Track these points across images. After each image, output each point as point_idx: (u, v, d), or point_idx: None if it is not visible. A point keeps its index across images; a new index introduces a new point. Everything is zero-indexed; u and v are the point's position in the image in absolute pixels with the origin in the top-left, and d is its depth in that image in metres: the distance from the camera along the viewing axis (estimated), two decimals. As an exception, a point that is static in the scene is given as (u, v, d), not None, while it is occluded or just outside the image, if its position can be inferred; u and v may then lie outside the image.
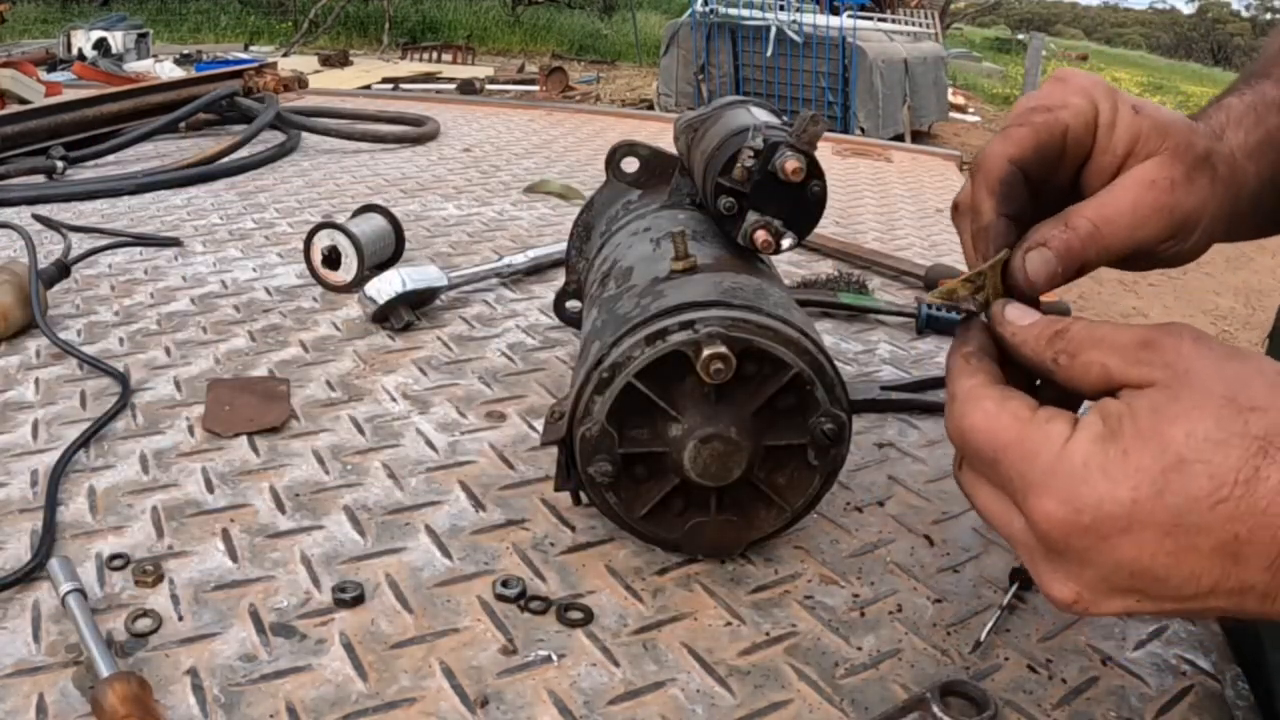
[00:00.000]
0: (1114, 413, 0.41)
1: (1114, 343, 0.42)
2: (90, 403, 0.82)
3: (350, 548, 0.64)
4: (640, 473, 0.61)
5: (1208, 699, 0.53)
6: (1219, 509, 0.37)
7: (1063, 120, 0.52)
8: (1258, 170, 0.56)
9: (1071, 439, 0.41)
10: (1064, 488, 0.40)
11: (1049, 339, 0.45)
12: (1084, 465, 0.40)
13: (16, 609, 0.56)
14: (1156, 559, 0.39)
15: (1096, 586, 0.41)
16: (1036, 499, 0.41)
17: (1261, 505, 0.37)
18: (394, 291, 0.98)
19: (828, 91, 8.40)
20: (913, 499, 0.72)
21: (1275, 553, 0.37)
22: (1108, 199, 0.50)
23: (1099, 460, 0.40)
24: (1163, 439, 0.39)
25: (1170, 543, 0.38)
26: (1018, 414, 0.43)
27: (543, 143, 2.06)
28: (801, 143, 0.66)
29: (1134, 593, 0.40)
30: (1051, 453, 0.41)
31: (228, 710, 0.50)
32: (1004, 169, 0.51)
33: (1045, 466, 0.41)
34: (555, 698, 0.52)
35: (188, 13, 15.97)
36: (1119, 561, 0.40)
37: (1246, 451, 0.37)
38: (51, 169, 1.58)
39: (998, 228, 0.51)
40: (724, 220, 0.69)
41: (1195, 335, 0.42)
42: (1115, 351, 0.42)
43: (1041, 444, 0.42)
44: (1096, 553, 0.40)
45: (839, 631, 0.58)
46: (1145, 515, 0.38)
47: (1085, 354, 0.43)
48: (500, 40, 16.59)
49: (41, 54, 7.29)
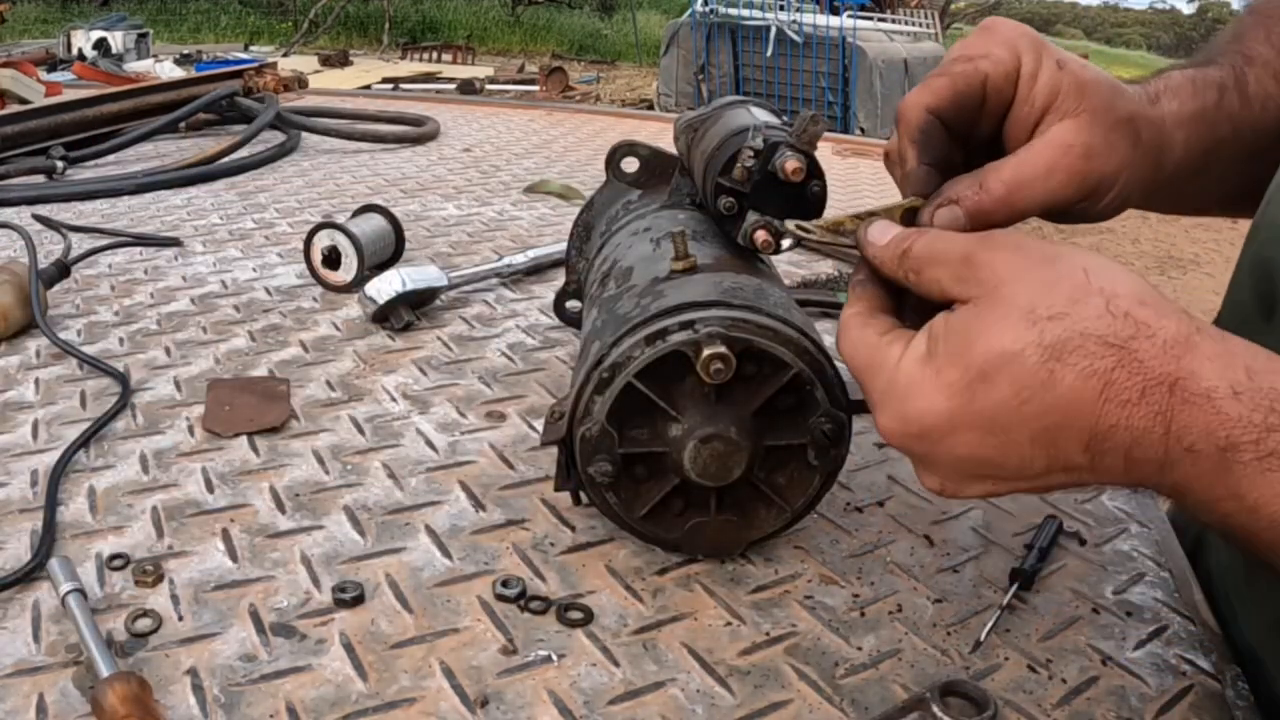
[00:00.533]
0: (936, 333, 0.45)
1: (946, 258, 0.46)
2: (90, 403, 0.82)
3: (350, 548, 0.64)
4: (640, 473, 0.61)
5: (1208, 699, 0.53)
6: (1024, 409, 0.42)
7: (981, 70, 0.53)
8: (1185, 140, 0.57)
9: (900, 360, 0.46)
10: (893, 406, 0.46)
11: (899, 258, 0.49)
12: (907, 385, 0.46)
13: (16, 609, 0.56)
14: (985, 452, 0.44)
15: (952, 477, 0.47)
16: (878, 416, 0.48)
17: (1062, 403, 0.42)
18: (394, 291, 0.98)
19: (828, 91, 8.40)
20: (913, 499, 0.72)
21: (1086, 438, 0.42)
22: (1023, 161, 0.52)
23: (917, 379, 0.45)
24: (969, 354, 0.43)
25: (992, 439, 0.44)
26: (869, 340, 0.49)
27: (543, 143, 2.06)
28: (801, 143, 0.66)
29: (985, 478, 0.46)
30: (886, 375, 0.47)
31: (228, 710, 0.50)
32: (922, 118, 0.53)
33: (882, 387, 0.47)
34: (555, 698, 0.52)
35: (188, 13, 15.97)
36: (958, 457, 0.45)
37: (1041, 358, 0.42)
38: (51, 169, 1.58)
39: (917, 175, 0.53)
40: (724, 220, 0.69)
41: (1013, 246, 0.45)
42: (946, 268, 0.46)
43: (880, 366, 0.47)
44: (936, 454, 0.46)
45: (839, 631, 0.58)
46: (962, 420, 0.44)
47: (927, 271, 0.47)
48: (500, 40, 16.60)
49: (41, 54, 7.30)
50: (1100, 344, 0.41)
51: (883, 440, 0.48)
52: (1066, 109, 0.52)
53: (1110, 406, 0.41)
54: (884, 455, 0.78)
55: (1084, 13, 57.69)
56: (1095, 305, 0.42)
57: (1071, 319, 0.42)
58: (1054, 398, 0.42)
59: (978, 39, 0.55)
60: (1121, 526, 0.70)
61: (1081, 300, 0.42)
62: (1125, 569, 0.64)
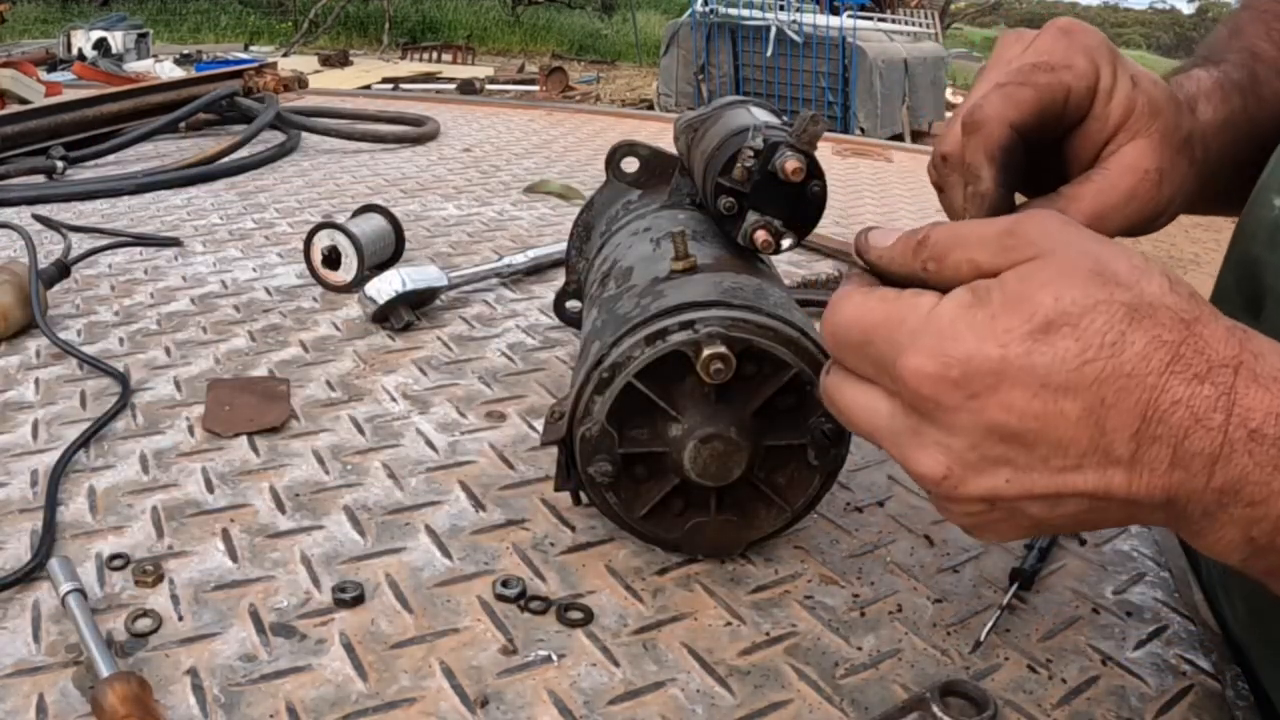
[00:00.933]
0: (983, 285, 0.41)
1: (979, 237, 0.42)
2: (90, 403, 0.82)
3: (350, 548, 0.64)
4: (640, 473, 0.61)
5: (1208, 699, 0.53)
6: (1085, 369, 0.38)
7: (1065, 82, 0.51)
8: (1219, 148, 0.57)
9: (939, 305, 0.41)
10: (933, 344, 0.40)
11: (914, 250, 0.44)
12: (951, 324, 0.40)
13: (16, 609, 0.56)
14: (1025, 421, 0.39)
15: (966, 457, 0.41)
16: (905, 359, 0.41)
17: (1127, 369, 0.38)
18: (394, 291, 0.98)
19: (828, 91, 8.40)
20: (913, 499, 0.72)
21: (1138, 421, 0.38)
22: (1103, 189, 0.51)
23: (966, 320, 0.40)
24: (1031, 303, 0.39)
25: (1038, 403, 0.39)
26: (884, 296, 0.44)
27: (543, 143, 2.06)
28: (801, 143, 0.66)
29: (1004, 464, 0.40)
30: (919, 317, 0.41)
31: (228, 710, 0.50)
32: (1006, 135, 0.50)
33: (914, 328, 0.41)
34: (555, 698, 0.52)
35: (188, 13, 15.98)
36: (989, 423, 0.40)
37: (1113, 317, 0.38)
38: (51, 169, 1.58)
39: (994, 198, 0.50)
40: (724, 220, 0.69)
41: (1061, 219, 0.42)
42: (981, 245, 0.42)
43: (909, 311, 0.42)
44: (966, 412, 0.40)
45: (839, 631, 0.58)
46: (1014, 372, 0.39)
47: (952, 255, 0.43)
48: (500, 40, 16.60)
49: (41, 54, 7.30)
50: (1171, 316, 0.38)
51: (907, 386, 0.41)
52: (1138, 129, 0.51)
53: (1175, 381, 0.38)
54: (884, 455, 0.78)
55: (1084, 13, 57.67)
56: (1160, 282, 0.39)
57: (1141, 287, 0.39)
58: (1118, 362, 0.38)
59: (1056, 44, 0.52)
60: (1121, 526, 0.70)
61: (1146, 274, 0.39)
62: (1125, 569, 0.64)
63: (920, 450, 0.42)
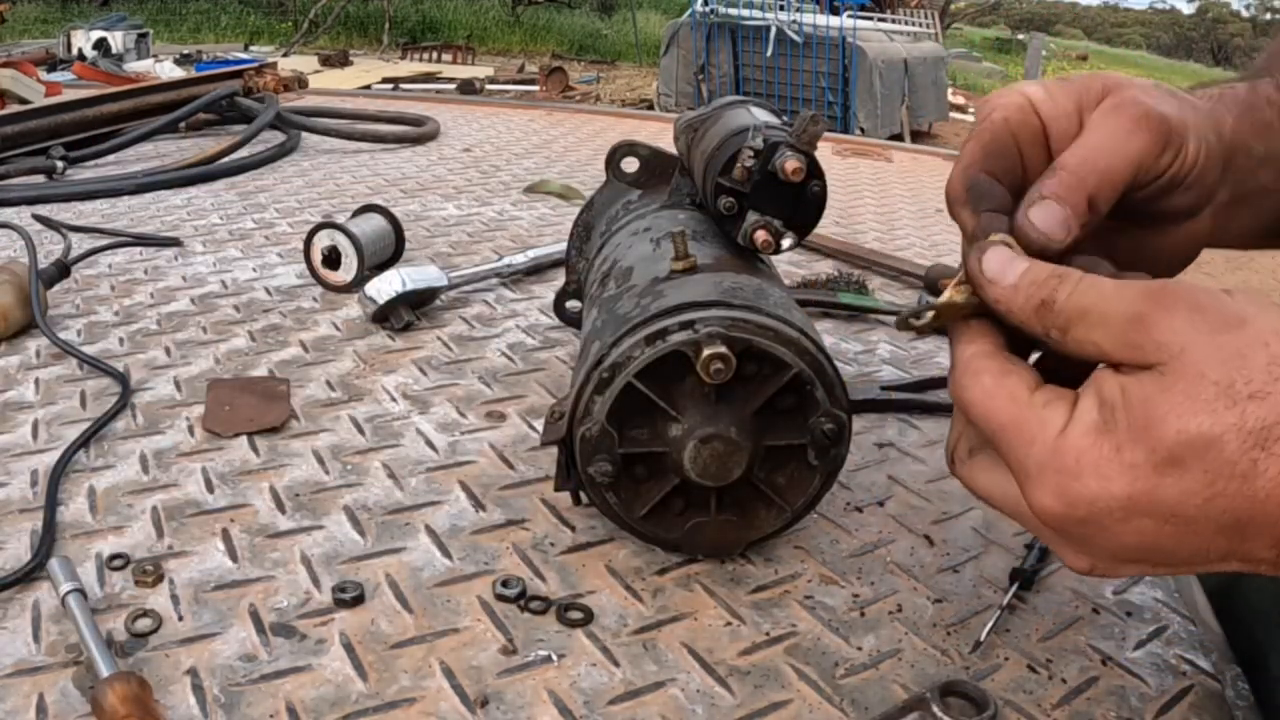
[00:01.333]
0: (1108, 400, 0.39)
1: (1103, 318, 0.40)
2: (90, 403, 0.82)
3: (350, 548, 0.64)
4: (640, 473, 0.61)
5: (1208, 699, 0.53)
6: (1215, 501, 0.37)
7: (997, 117, 0.50)
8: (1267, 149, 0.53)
9: (1066, 430, 0.40)
10: (1058, 483, 0.40)
11: (1036, 311, 0.42)
12: (1077, 462, 0.39)
13: (16, 609, 0.56)
14: (1160, 541, 0.39)
15: (1108, 561, 0.42)
16: (1032, 491, 0.41)
17: (1260, 496, 0.37)
18: (394, 291, 0.98)
19: (828, 91, 8.40)
20: (913, 499, 0.72)
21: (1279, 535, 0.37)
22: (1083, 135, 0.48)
23: (1092, 457, 0.39)
24: (1156, 434, 0.38)
25: (1169, 529, 0.38)
26: (1015, 394, 0.42)
27: (543, 143, 2.06)
28: (801, 143, 0.66)
29: (1144, 563, 0.41)
30: (1046, 445, 0.40)
31: (228, 710, 0.50)
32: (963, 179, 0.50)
33: (1040, 459, 0.40)
34: (555, 698, 0.52)
35: (188, 13, 15.97)
36: (1123, 544, 0.40)
37: (1243, 446, 0.36)
38: (51, 169, 1.58)
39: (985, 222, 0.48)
40: (724, 220, 0.69)
41: (1191, 304, 0.39)
42: (1106, 331, 0.40)
43: (1038, 432, 0.41)
44: (1099, 539, 0.40)
45: (839, 631, 0.58)
46: (1141, 509, 0.38)
47: (1075, 331, 0.41)
48: (500, 40, 16.59)
49: (41, 54, 7.30)
50: None
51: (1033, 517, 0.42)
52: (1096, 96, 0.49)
53: None
54: (884, 455, 0.78)
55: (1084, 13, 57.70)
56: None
57: (1275, 398, 0.36)
58: (1252, 490, 0.37)
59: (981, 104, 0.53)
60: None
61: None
62: (1125, 569, 0.64)
63: (1062, 550, 0.43)
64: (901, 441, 0.81)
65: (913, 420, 0.84)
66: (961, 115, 10.99)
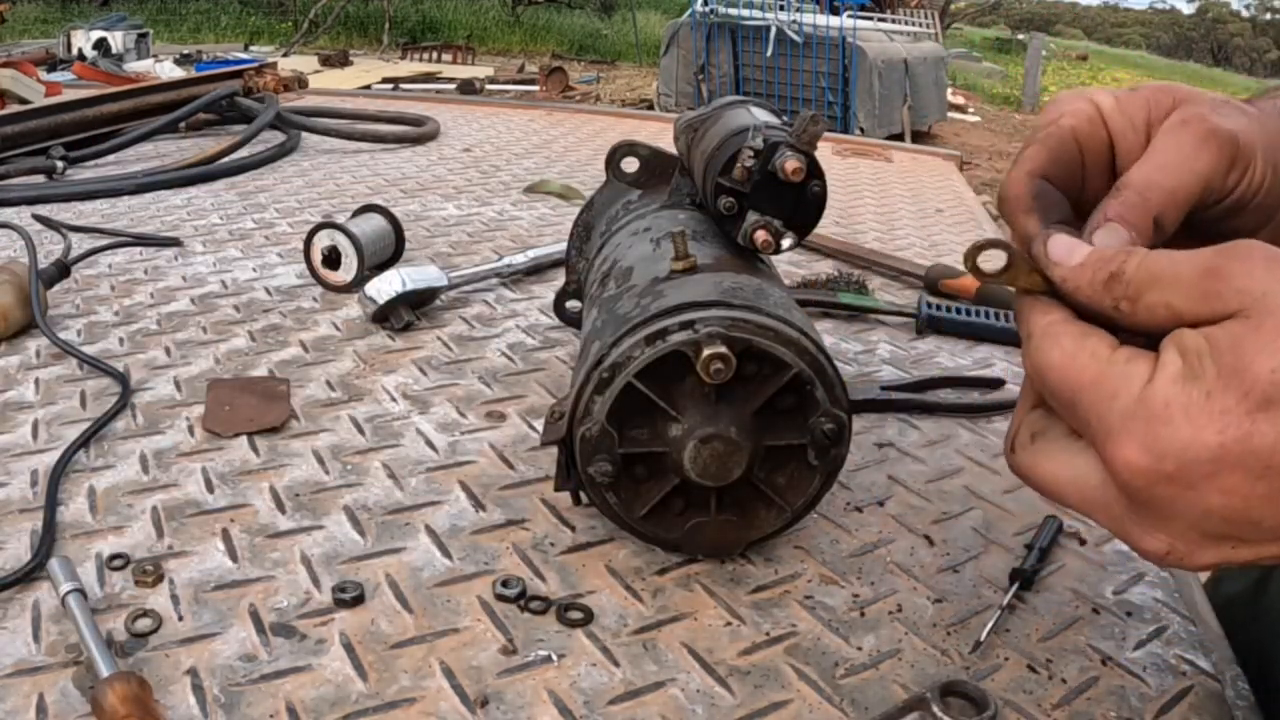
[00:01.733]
0: (1193, 349, 0.38)
1: (1176, 278, 0.39)
2: (90, 403, 0.82)
3: (350, 548, 0.64)
4: (640, 473, 0.61)
5: (1208, 699, 0.53)
6: None
7: (1066, 124, 0.49)
8: None
9: (1152, 380, 0.38)
10: (1145, 433, 0.38)
11: (1105, 284, 0.41)
12: (1165, 408, 0.37)
13: (16, 609, 0.56)
14: (1250, 503, 0.37)
15: (1188, 536, 0.39)
16: (1116, 446, 0.39)
17: None
18: (394, 291, 0.98)
19: (828, 91, 8.40)
20: (913, 499, 0.72)
21: None
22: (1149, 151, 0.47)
23: (1181, 402, 0.37)
24: (1247, 377, 0.36)
25: (1263, 486, 0.36)
26: (1096, 352, 0.41)
27: (543, 143, 2.06)
28: (801, 143, 0.66)
29: (1229, 539, 0.39)
30: (1131, 395, 0.39)
31: (228, 710, 0.50)
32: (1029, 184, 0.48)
33: (1125, 410, 0.39)
34: (555, 698, 0.52)
35: (188, 13, 15.97)
36: (1208, 509, 0.38)
37: None
38: (51, 169, 1.58)
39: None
40: (724, 220, 0.69)
41: (1266, 254, 0.38)
42: (1179, 288, 0.39)
43: (1121, 385, 0.39)
44: (1184, 502, 0.38)
45: (839, 631, 0.58)
46: (1234, 459, 0.36)
47: (1147, 296, 0.39)
48: (500, 40, 16.59)
49: (41, 54, 7.30)
50: None
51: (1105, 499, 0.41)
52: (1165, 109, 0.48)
53: None
54: (884, 455, 0.78)
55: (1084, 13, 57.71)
56: None
57: None
58: None
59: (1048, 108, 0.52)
60: None
61: None
62: (1125, 569, 0.64)
63: (1138, 531, 0.41)
64: (901, 441, 0.81)
65: (913, 420, 0.84)
66: (962, 115, 10.99)
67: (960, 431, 0.83)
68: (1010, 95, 13.63)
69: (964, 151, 4.58)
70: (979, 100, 12.95)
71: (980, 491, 0.73)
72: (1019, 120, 11.86)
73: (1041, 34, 16.62)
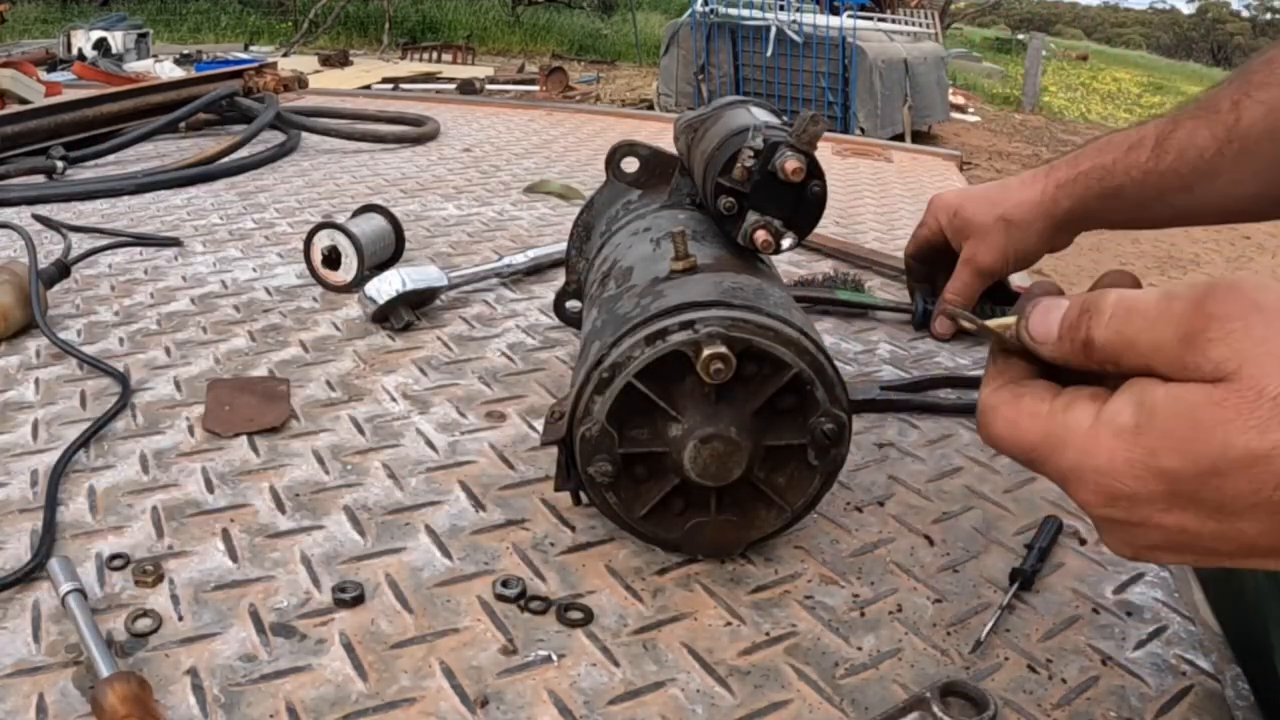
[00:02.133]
0: (1148, 405, 0.38)
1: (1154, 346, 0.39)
2: (90, 403, 0.82)
3: (350, 548, 0.64)
4: (640, 473, 0.61)
5: (1208, 699, 0.53)
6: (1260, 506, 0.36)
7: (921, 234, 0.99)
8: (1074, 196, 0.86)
9: (1094, 427, 0.39)
10: (1096, 482, 0.39)
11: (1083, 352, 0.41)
12: (1109, 461, 0.39)
13: (16, 609, 0.56)
14: (1202, 536, 0.38)
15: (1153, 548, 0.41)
16: (1074, 490, 0.41)
17: None
18: (394, 291, 0.98)
19: (828, 91, 8.39)
20: (913, 499, 0.72)
21: None
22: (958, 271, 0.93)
23: (1124, 457, 0.38)
24: (1197, 448, 0.37)
25: (1214, 524, 0.38)
26: (1034, 412, 0.42)
27: (543, 143, 2.06)
28: (801, 143, 0.66)
29: (1189, 551, 0.40)
30: (1076, 446, 0.40)
31: (228, 710, 0.50)
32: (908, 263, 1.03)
33: (1074, 461, 0.40)
34: (555, 698, 0.52)
35: (188, 13, 15.96)
36: (1167, 533, 0.39)
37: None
38: (51, 169, 1.58)
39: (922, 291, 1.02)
40: (724, 220, 0.69)
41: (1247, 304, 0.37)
42: (1157, 356, 0.39)
43: (1066, 436, 0.40)
44: (1143, 530, 0.40)
45: (839, 631, 0.58)
46: (1183, 504, 0.38)
47: (1125, 360, 0.40)
48: (500, 40, 16.59)
49: (41, 54, 7.29)
50: None
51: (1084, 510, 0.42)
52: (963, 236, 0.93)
53: None
54: (884, 455, 0.78)
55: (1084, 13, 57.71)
56: None
57: None
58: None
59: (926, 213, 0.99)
60: None
61: None
62: (1125, 569, 0.64)
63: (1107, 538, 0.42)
64: (901, 441, 0.81)
65: (913, 420, 0.84)
66: (962, 115, 10.98)
67: (960, 431, 0.83)
68: (1010, 95, 13.62)
69: (964, 151, 4.58)
70: (979, 100, 12.95)
71: (980, 491, 0.73)
72: (1019, 120, 11.86)
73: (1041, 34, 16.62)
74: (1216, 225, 0.96)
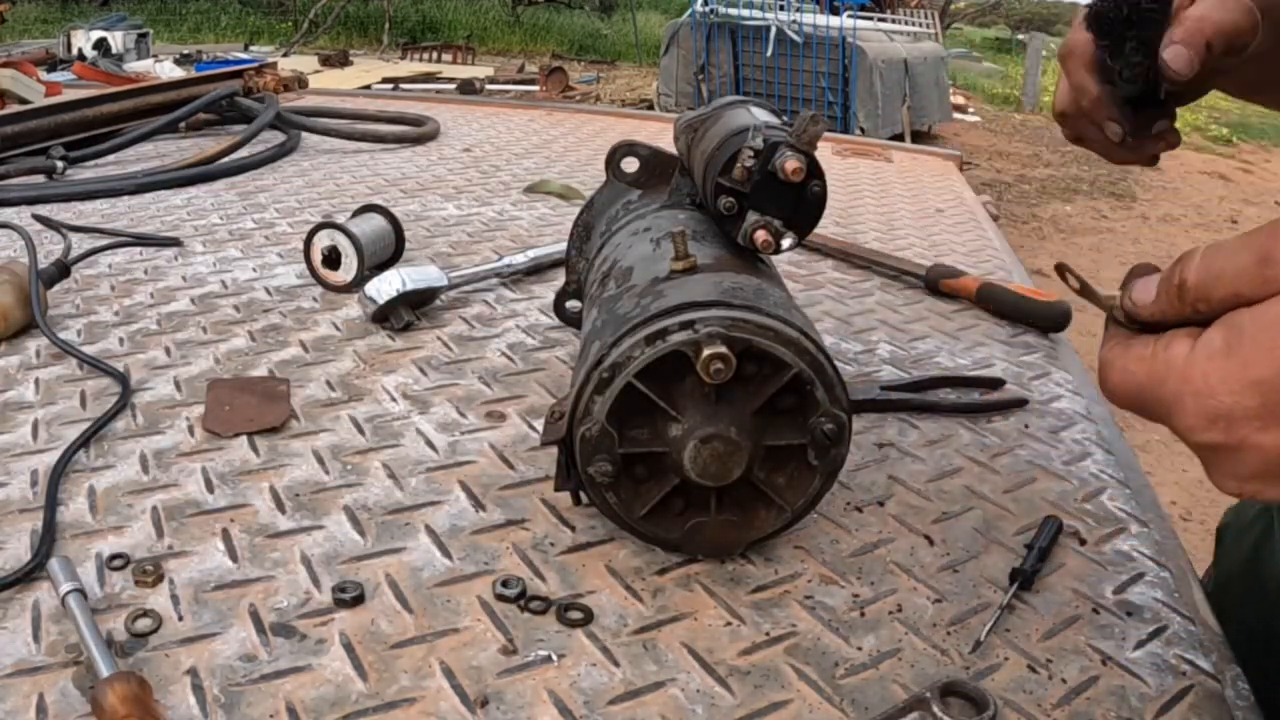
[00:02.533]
0: (1238, 325, 0.41)
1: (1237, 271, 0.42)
2: (90, 403, 0.82)
3: (350, 548, 0.64)
4: (640, 473, 0.61)
5: (1208, 699, 0.53)
6: None
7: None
8: None
9: (1191, 356, 0.42)
10: (1195, 406, 0.41)
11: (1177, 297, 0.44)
12: (1204, 380, 0.41)
13: (16, 609, 0.56)
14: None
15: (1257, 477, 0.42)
16: (1177, 421, 0.43)
17: None
18: (394, 291, 0.98)
19: (828, 91, 8.40)
20: (913, 499, 0.72)
21: None
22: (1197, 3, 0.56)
23: (1218, 373, 0.41)
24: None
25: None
26: (1139, 355, 0.45)
27: (543, 143, 2.06)
28: (801, 143, 0.66)
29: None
30: (1175, 376, 0.42)
31: (228, 710, 0.50)
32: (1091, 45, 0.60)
33: (1173, 390, 0.42)
34: (555, 698, 0.52)
35: (188, 13, 15.97)
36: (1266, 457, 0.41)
37: None
38: (51, 169, 1.58)
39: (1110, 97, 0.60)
40: (724, 220, 0.69)
41: None
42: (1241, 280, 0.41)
43: (1165, 370, 0.43)
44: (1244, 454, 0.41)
45: (839, 631, 0.58)
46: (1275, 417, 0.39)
47: (1216, 293, 0.42)
48: (500, 40, 16.59)
49: (41, 54, 7.29)
50: None
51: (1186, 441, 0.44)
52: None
53: None
54: (884, 455, 0.78)
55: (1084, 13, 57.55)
56: None
57: None
58: None
59: None
60: (1121, 526, 0.70)
61: None
62: (1125, 569, 0.64)
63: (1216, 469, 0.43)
64: (901, 441, 0.81)
65: (913, 420, 0.84)
66: (962, 115, 10.99)
67: (960, 431, 0.83)
68: (1010, 95, 13.63)
69: (964, 151, 4.58)
70: (979, 100, 12.95)
71: (980, 491, 0.73)
72: (1019, 120, 11.86)
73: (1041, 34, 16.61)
74: None
